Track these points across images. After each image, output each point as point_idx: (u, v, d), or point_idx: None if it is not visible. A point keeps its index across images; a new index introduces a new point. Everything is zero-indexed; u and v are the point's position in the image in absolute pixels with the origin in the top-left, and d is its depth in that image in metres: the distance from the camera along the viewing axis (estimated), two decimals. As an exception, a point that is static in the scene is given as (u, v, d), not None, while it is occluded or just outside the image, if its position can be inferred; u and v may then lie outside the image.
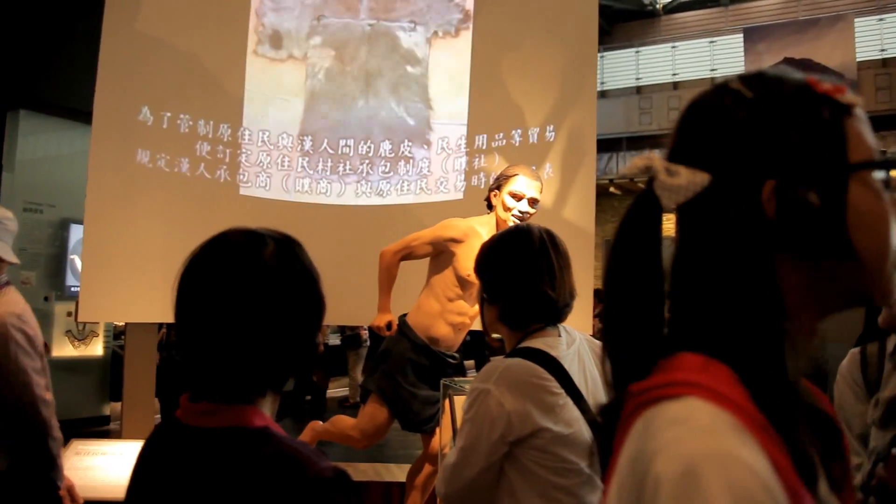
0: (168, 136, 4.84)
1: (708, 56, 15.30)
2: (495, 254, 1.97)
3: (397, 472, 4.61)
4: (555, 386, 1.76)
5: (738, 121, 0.73)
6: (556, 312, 1.90)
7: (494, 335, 2.01)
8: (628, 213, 0.77)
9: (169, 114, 4.85)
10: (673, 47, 15.84)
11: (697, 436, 0.60)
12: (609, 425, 0.74)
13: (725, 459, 0.57)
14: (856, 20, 14.12)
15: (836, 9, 15.19)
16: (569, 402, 1.76)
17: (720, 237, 0.71)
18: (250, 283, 1.08)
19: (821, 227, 0.70)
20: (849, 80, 13.72)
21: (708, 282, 0.71)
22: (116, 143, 4.72)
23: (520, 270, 1.89)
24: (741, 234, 0.70)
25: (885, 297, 0.73)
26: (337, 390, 10.47)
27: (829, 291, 0.73)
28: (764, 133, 0.71)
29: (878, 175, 0.73)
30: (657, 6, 17.52)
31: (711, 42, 15.42)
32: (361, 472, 4.67)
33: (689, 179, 0.72)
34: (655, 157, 0.76)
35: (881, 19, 14.37)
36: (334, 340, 9.35)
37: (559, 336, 1.88)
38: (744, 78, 0.76)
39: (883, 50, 14.12)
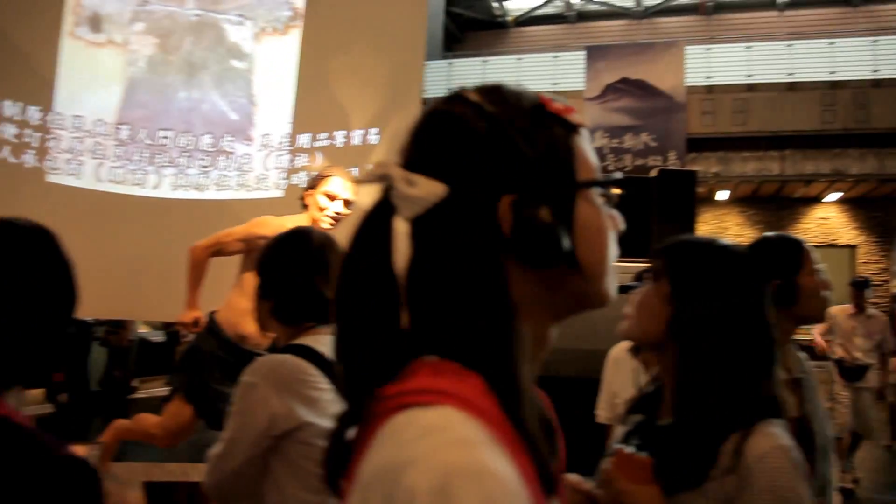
0: (-31, 115, 4.54)
1: (551, 70, 15.83)
2: (274, 251, 2.02)
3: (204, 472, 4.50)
4: (321, 382, 1.81)
5: (477, 134, 0.73)
6: (328, 312, 1.95)
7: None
8: (364, 220, 0.77)
9: (-30, 91, 4.56)
10: (519, 59, 16.30)
11: (452, 447, 0.59)
12: (345, 429, 0.74)
13: (479, 472, 0.57)
14: (686, 48, 15.05)
15: (673, 35, 16.17)
16: (335, 397, 1.83)
17: (455, 247, 0.71)
18: None
19: (551, 241, 0.72)
20: (679, 104, 14.67)
21: (444, 290, 0.71)
22: None
23: (295, 268, 1.95)
24: (476, 245, 0.71)
25: (603, 302, 0.79)
26: (162, 389, 10.10)
27: (557, 299, 0.77)
28: (501, 149, 0.73)
29: (598, 191, 0.78)
30: (507, 18, 18.03)
31: (555, 57, 15.97)
32: (168, 471, 4.54)
33: (426, 190, 0.71)
34: (393, 166, 0.74)
35: (708, 49, 15.42)
36: (157, 337, 9.02)
37: (330, 335, 1.93)
38: (483, 90, 0.77)
39: (709, 77, 15.12)
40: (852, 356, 6.46)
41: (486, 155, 0.73)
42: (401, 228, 0.71)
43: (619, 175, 0.82)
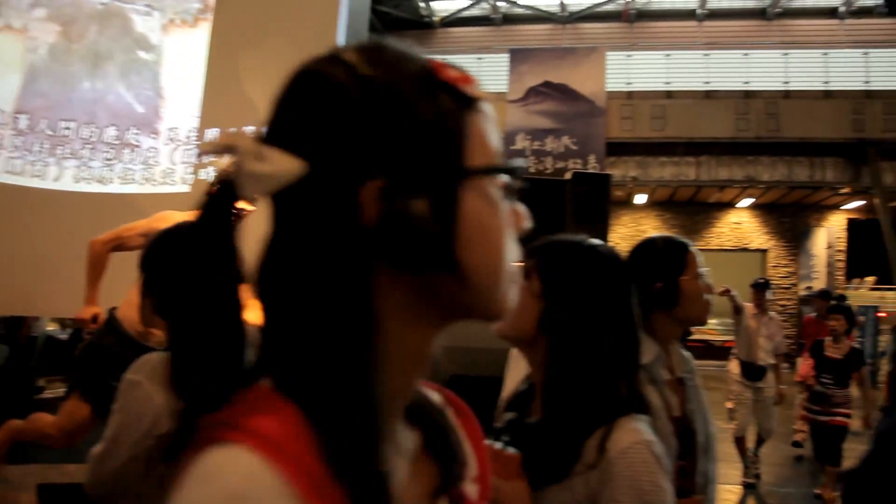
0: None
1: (475, 71, 15.73)
2: (156, 247, 1.98)
3: (105, 473, 4.37)
4: None
5: (346, 101, 0.59)
6: None
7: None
8: (206, 202, 0.61)
9: None
10: (443, 59, 16.31)
11: (220, 502, 0.49)
12: (164, 456, 0.61)
13: None
14: (608, 54, 15.35)
15: (596, 41, 16.46)
16: None
17: (309, 241, 0.58)
18: None
19: (427, 239, 0.59)
20: (600, 108, 14.93)
21: (291, 294, 0.58)
22: None
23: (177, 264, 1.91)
24: (332, 240, 0.57)
25: (497, 315, 0.65)
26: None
27: (434, 307, 0.63)
28: (372, 120, 0.59)
29: (496, 182, 0.63)
30: (434, 19, 18.06)
31: (479, 59, 16.08)
32: (65, 473, 4.41)
33: (278, 167, 0.57)
34: (244, 136, 0.60)
35: (629, 55, 15.78)
36: (64, 335, 8.69)
37: None
38: (362, 49, 0.63)
39: (629, 83, 15.50)
40: (755, 356, 6.65)
41: (352, 126, 0.58)
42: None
43: (521, 162, 0.65)
